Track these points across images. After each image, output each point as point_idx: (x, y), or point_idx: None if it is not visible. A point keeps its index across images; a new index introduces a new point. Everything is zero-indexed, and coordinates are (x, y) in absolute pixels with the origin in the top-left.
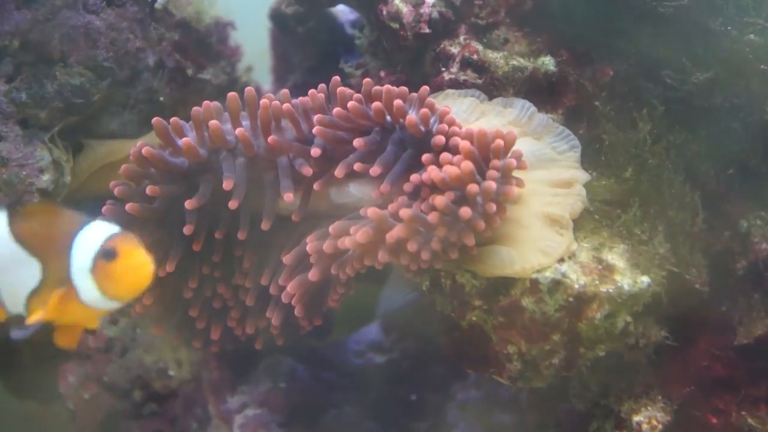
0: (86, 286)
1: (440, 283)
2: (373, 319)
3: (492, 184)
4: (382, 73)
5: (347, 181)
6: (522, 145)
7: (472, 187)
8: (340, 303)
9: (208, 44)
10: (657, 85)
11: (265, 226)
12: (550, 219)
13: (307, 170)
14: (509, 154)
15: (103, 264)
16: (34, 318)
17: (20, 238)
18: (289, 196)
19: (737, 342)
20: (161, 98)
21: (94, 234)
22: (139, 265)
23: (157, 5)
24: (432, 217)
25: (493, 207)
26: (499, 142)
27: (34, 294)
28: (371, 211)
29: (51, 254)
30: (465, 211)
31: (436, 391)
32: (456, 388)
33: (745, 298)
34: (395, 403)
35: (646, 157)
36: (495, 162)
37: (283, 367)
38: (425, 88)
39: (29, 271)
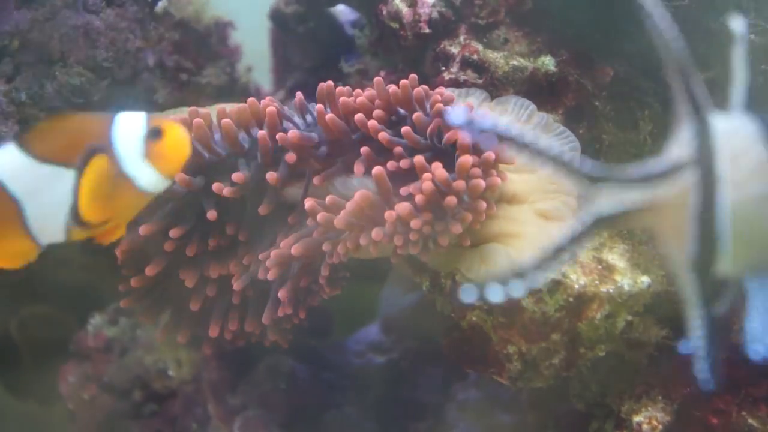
0: (143, 173)
1: (440, 283)
2: (373, 319)
3: (480, 182)
4: (383, 73)
5: (351, 176)
6: None
7: (459, 184)
8: (339, 303)
9: (208, 44)
10: (657, 85)
11: (263, 210)
12: (546, 218)
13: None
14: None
15: (155, 145)
16: (95, 217)
17: (46, 156)
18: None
19: (735, 340)
20: (161, 98)
21: (131, 122)
22: (182, 136)
23: (157, 9)
24: (418, 199)
25: (482, 204)
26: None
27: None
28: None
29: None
30: (450, 200)
31: (436, 391)
32: (456, 388)
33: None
34: (395, 403)
35: (646, 157)
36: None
37: (283, 367)
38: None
39: (68, 183)
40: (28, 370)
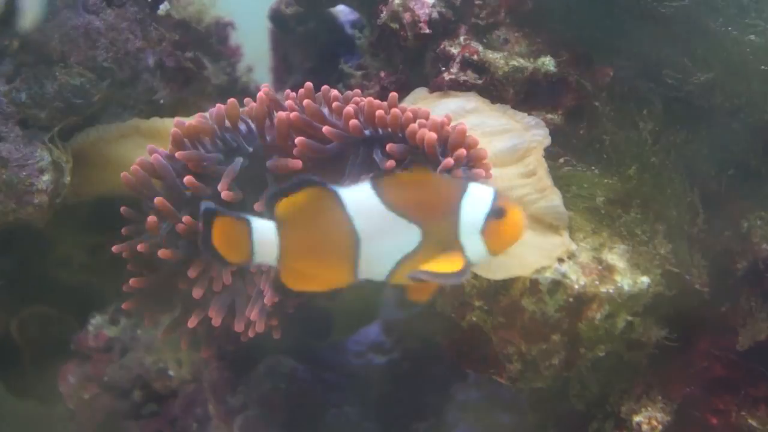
0: (475, 246)
1: None
2: (373, 319)
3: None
4: (383, 74)
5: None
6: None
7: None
8: (340, 303)
9: (208, 44)
10: (657, 85)
11: (258, 207)
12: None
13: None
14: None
15: (494, 223)
16: (422, 275)
17: (396, 206)
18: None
19: (740, 346)
20: (161, 99)
21: (481, 196)
22: (520, 220)
23: (159, 11)
24: None
25: None
26: (462, 151)
27: (408, 258)
28: None
29: (434, 219)
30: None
31: (436, 392)
32: (456, 388)
33: (746, 299)
34: (395, 403)
35: (647, 157)
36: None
37: (283, 367)
38: (393, 95)
39: (407, 237)
40: (28, 370)
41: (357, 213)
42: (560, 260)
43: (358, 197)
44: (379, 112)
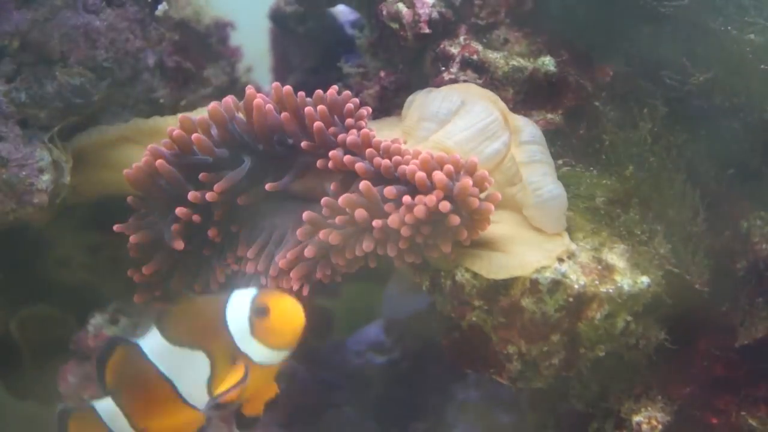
0: (254, 349)
1: (440, 283)
2: (373, 319)
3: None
4: (382, 73)
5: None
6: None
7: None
8: (340, 302)
9: (208, 44)
10: (657, 85)
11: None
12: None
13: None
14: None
15: (260, 322)
16: (228, 397)
17: (180, 340)
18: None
19: (738, 343)
20: (161, 98)
21: (240, 302)
22: (290, 309)
23: (157, 12)
24: (408, 218)
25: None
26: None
27: (212, 380)
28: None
29: (210, 339)
30: (454, 219)
31: (436, 392)
32: (456, 388)
33: (746, 299)
34: (395, 403)
35: (647, 156)
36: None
37: (283, 367)
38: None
39: (199, 363)
40: (28, 370)
41: (156, 358)
42: (560, 260)
43: (152, 343)
44: (348, 158)
